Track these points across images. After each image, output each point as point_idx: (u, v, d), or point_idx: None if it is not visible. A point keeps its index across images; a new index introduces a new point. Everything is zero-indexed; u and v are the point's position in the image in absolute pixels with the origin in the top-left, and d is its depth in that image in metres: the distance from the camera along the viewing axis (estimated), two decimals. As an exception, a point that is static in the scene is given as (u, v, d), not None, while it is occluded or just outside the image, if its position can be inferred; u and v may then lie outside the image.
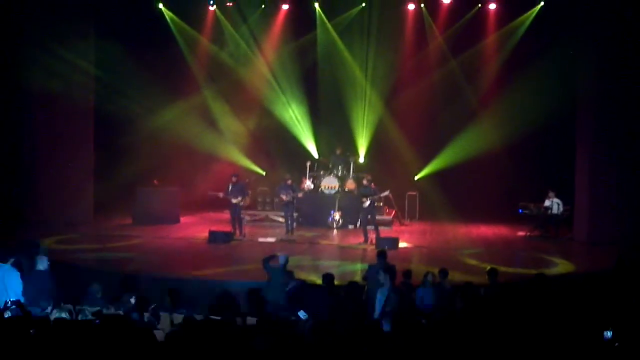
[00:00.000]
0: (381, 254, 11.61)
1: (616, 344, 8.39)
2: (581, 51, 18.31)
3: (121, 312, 8.45)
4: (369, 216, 17.63)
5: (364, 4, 21.82)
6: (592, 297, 10.06)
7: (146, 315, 8.67)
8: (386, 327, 7.54)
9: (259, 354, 6.02)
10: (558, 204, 18.67)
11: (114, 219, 20.01)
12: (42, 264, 10.05)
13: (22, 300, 8.75)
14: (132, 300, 9.19)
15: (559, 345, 6.52)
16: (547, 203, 18.80)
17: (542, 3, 20.57)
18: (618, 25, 17.23)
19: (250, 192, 19.59)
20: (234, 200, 17.91)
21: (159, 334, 6.82)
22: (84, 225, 18.83)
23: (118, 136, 20.34)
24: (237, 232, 17.94)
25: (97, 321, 7.20)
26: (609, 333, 8.44)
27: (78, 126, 19.74)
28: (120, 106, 19.89)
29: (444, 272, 11.24)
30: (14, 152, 19.50)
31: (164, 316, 8.83)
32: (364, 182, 18.12)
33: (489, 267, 11.50)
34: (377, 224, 17.64)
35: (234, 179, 18.25)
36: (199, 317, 7.91)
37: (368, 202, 17.48)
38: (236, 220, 18.08)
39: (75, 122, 19.66)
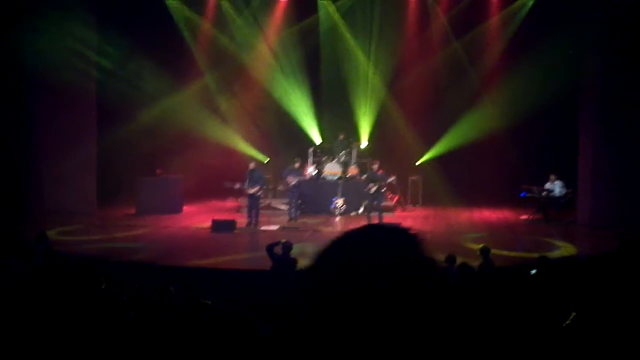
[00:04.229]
0: None
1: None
2: (585, 33, 18.21)
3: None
4: (375, 202, 17.65)
5: (366, -14, 21.74)
6: (594, 280, 10.08)
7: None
8: None
9: (263, 340, 6.09)
10: (560, 187, 18.70)
11: (117, 209, 20.02)
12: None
13: None
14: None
15: (560, 327, 6.55)
16: (548, 185, 18.85)
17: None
18: (622, 7, 17.14)
19: (266, 179, 19.34)
20: (251, 191, 17.72)
21: None
22: (87, 216, 18.87)
23: (120, 125, 20.30)
24: (252, 220, 17.71)
25: None
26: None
27: (80, 115, 19.72)
28: (122, 94, 19.87)
29: (451, 258, 11.22)
30: (15, 141, 19.48)
31: None
32: (374, 167, 18.12)
33: (481, 245, 11.51)
34: (382, 210, 17.67)
35: (252, 165, 18.12)
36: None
37: (375, 188, 17.50)
38: (253, 209, 17.83)
39: (77, 111, 19.65)
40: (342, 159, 21.10)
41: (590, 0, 17.94)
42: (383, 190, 18.49)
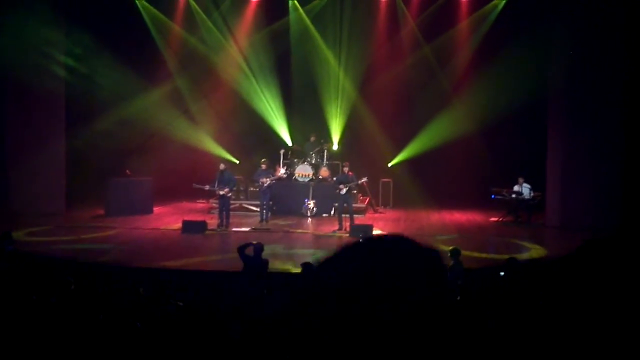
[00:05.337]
0: None
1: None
2: (553, 36, 18.42)
3: None
4: (345, 204, 17.66)
5: (336, -10, 21.81)
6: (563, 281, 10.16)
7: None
8: None
9: (234, 342, 6.07)
10: (528, 189, 18.90)
11: (86, 210, 19.78)
12: None
13: None
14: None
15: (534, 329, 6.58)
16: (517, 188, 19.02)
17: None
18: (590, 10, 17.37)
19: (236, 179, 19.23)
20: (221, 192, 17.57)
21: None
22: (56, 217, 18.64)
23: (90, 125, 20.14)
24: (223, 222, 17.56)
25: None
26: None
27: (49, 116, 19.53)
28: (91, 95, 19.72)
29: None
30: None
31: None
32: (345, 169, 18.14)
33: (451, 248, 11.55)
34: (352, 212, 17.69)
35: (222, 166, 18.01)
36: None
37: (345, 190, 17.51)
38: (223, 211, 17.66)
39: (46, 112, 19.46)
40: (313, 160, 21.09)
41: (559, 4, 18.14)
42: (354, 192, 18.53)
